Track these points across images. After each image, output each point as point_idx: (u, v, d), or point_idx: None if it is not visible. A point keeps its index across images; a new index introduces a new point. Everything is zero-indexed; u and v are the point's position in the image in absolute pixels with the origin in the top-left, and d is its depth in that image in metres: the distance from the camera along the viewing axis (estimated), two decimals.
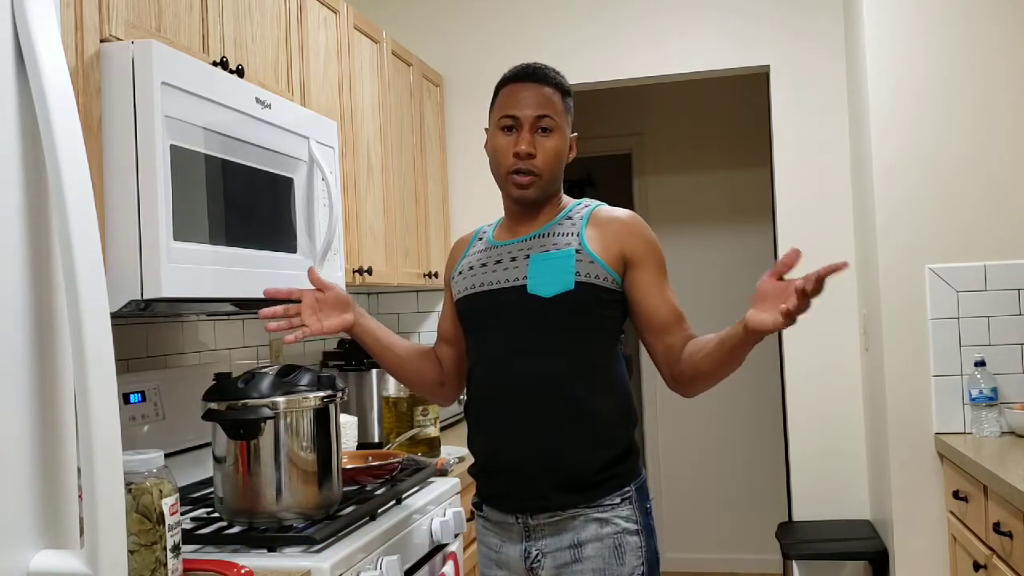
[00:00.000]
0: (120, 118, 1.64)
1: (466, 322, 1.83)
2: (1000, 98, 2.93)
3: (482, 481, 1.80)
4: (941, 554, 2.90)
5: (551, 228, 1.77)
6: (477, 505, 1.82)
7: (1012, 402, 2.86)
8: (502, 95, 1.77)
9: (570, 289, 1.68)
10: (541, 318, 1.70)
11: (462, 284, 1.82)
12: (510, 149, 1.73)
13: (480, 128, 3.73)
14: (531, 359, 1.70)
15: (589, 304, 1.70)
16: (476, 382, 1.80)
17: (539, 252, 1.74)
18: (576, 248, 1.71)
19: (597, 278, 1.70)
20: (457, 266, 1.88)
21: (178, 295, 1.69)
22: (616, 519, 1.68)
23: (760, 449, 4.72)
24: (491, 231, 1.88)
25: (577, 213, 1.79)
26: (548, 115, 1.72)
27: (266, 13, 2.27)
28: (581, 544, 1.68)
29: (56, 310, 1.01)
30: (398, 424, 2.65)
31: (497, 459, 1.74)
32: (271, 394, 1.76)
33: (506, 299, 1.73)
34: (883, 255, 2.99)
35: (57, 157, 0.97)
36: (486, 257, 1.81)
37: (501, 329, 1.74)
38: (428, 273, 3.42)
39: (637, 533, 1.69)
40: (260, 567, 1.60)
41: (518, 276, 1.73)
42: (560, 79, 1.78)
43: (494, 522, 1.77)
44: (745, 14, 3.56)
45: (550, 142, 1.73)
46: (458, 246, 1.94)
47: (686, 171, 4.86)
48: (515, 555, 1.73)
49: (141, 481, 1.40)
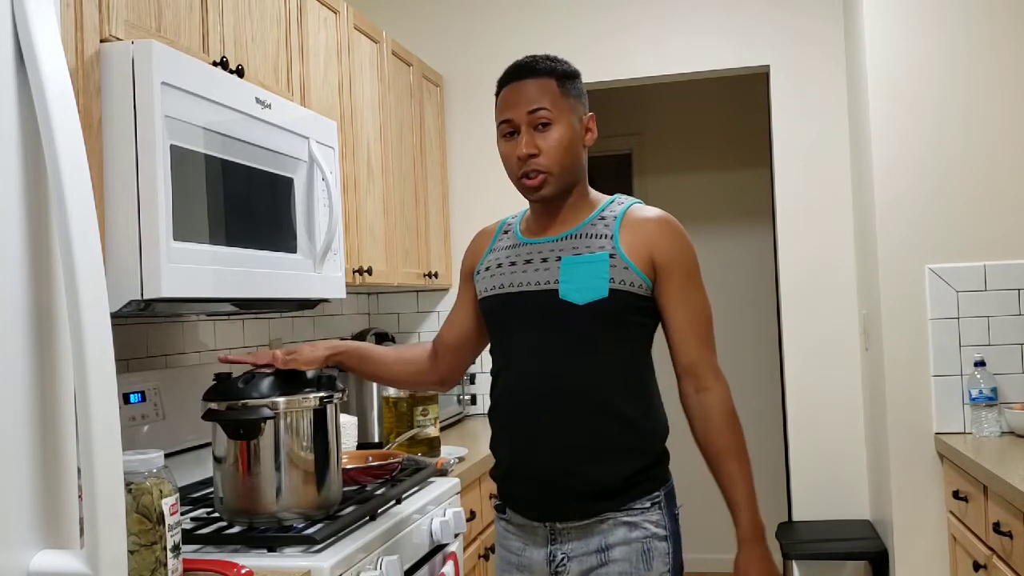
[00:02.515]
0: (120, 118, 1.64)
1: (491, 323, 1.78)
2: (999, 98, 2.93)
3: (506, 487, 1.76)
4: (941, 554, 2.90)
5: (584, 229, 1.71)
6: (500, 508, 1.78)
7: (1012, 402, 2.86)
8: (498, 101, 1.73)
9: (604, 297, 1.63)
10: (572, 325, 1.65)
11: (488, 282, 1.77)
12: (514, 154, 1.69)
13: (480, 128, 3.77)
14: (560, 366, 1.65)
15: (622, 312, 1.65)
16: (503, 386, 1.74)
17: (571, 255, 1.68)
18: (610, 252, 1.66)
19: (632, 285, 1.64)
20: (482, 261, 1.82)
21: (178, 295, 1.69)
22: (646, 523, 1.65)
23: (760, 449, 4.71)
24: (517, 224, 1.82)
25: (611, 213, 1.72)
26: (541, 107, 1.66)
27: (266, 13, 2.27)
28: (609, 548, 1.64)
29: (56, 310, 1.01)
30: (398, 424, 2.65)
31: (523, 466, 1.70)
32: (271, 394, 1.76)
33: (536, 303, 1.68)
34: (883, 255, 2.99)
35: (57, 157, 0.97)
36: (514, 255, 1.75)
37: (529, 333, 1.69)
38: (428, 273, 3.42)
39: (665, 539, 1.66)
40: (260, 567, 1.59)
41: (549, 280, 1.67)
42: (553, 64, 1.71)
43: (517, 525, 1.74)
44: (745, 14, 3.56)
45: (552, 135, 1.67)
46: (481, 238, 1.88)
47: (686, 171, 4.86)
48: (539, 559, 1.69)
49: (141, 481, 1.39)
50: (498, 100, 1.73)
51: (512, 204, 3.81)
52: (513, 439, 1.72)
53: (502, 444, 1.76)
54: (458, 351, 1.90)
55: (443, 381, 1.94)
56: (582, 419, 1.64)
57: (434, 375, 1.93)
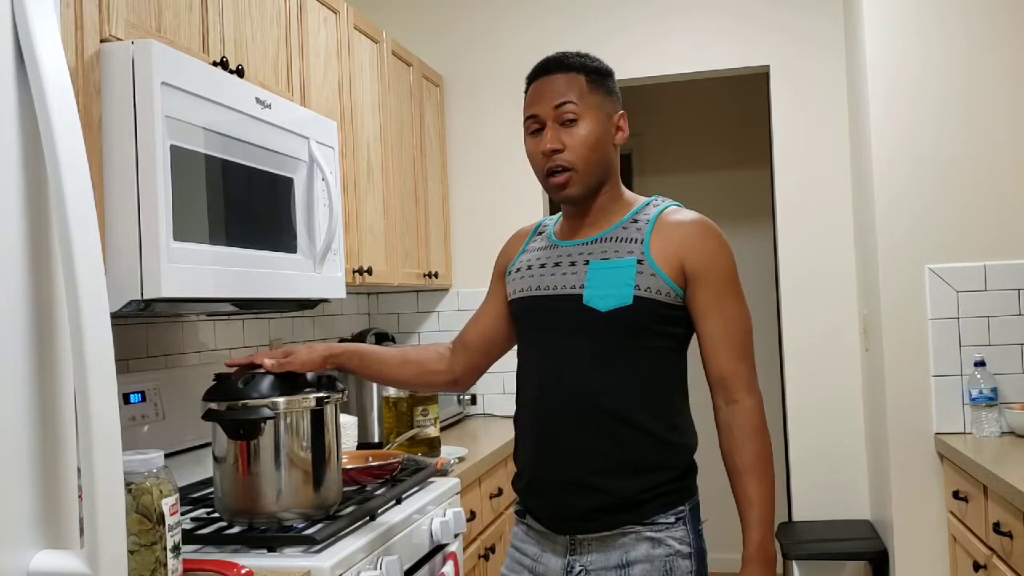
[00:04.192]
0: (120, 118, 1.64)
1: (519, 326, 1.74)
2: (1000, 97, 2.93)
3: (527, 497, 1.70)
4: (941, 554, 2.90)
5: (615, 232, 1.65)
6: (520, 512, 1.74)
7: (1012, 402, 2.86)
8: (526, 96, 1.67)
9: (628, 304, 1.57)
10: (595, 332, 1.59)
11: (519, 284, 1.72)
12: (538, 150, 1.64)
13: (480, 128, 3.77)
14: (581, 374, 1.60)
15: (648, 320, 1.58)
16: (525, 393, 1.70)
17: (599, 259, 1.62)
18: (638, 258, 1.59)
19: (659, 293, 1.58)
20: (515, 261, 1.78)
21: (178, 295, 1.69)
22: (670, 540, 1.58)
23: None
24: (552, 226, 1.77)
25: (644, 216, 1.66)
26: (567, 101, 1.61)
27: (266, 13, 2.27)
28: (629, 564, 1.58)
29: (56, 310, 1.01)
30: (398, 424, 2.65)
31: (543, 477, 1.65)
32: (271, 394, 1.76)
33: (561, 307, 1.63)
34: (883, 255, 2.99)
35: (57, 157, 0.97)
36: (545, 257, 1.70)
37: (553, 339, 1.64)
38: (428, 273, 3.42)
39: (690, 557, 1.59)
40: (260, 567, 1.59)
41: (575, 284, 1.62)
42: (584, 60, 1.66)
43: (537, 531, 1.69)
44: (745, 15, 3.56)
45: (578, 130, 1.61)
46: (516, 239, 1.84)
47: (686, 171, 4.86)
48: (556, 568, 1.64)
49: (141, 481, 1.39)
50: (526, 97, 1.68)
51: (512, 204, 3.83)
52: (532, 449, 1.67)
53: (522, 452, 1.71)
54: (479, 350, 1.85)
55: (456, 381, 1.87)
56: (600, 430, 1.59)
57: (446, 375, 1.87)
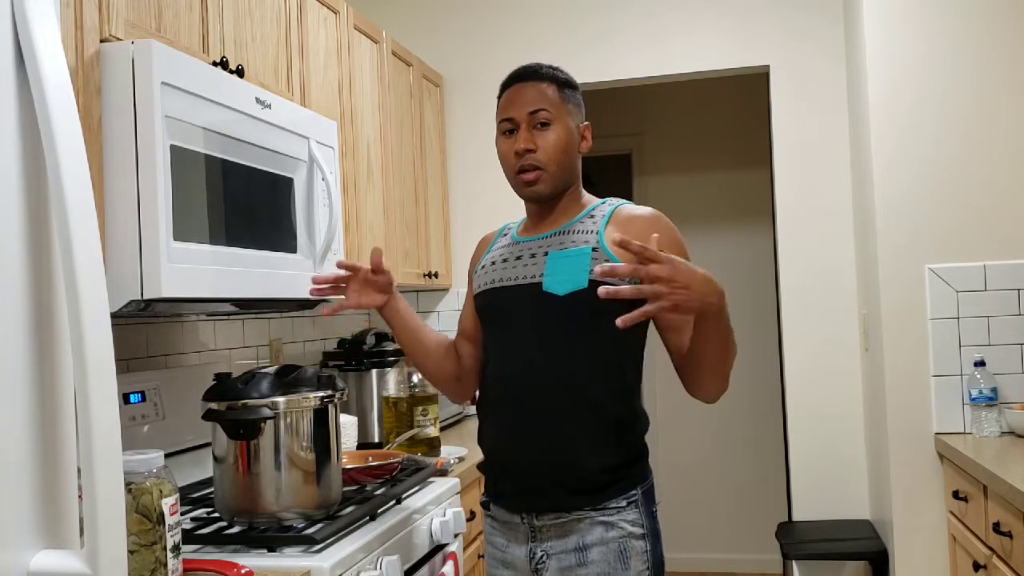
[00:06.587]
0: (120, 118, 1.64)
1: (483, 317, 1.83)
2: (999, 98, 2.93)
3: (490, 479, 1.80)
4: (941, 554, 2.90)
5: (572, 226, 1.76)
6: (485, 504, 1.82)
7: (1012, 402, 2.86)
8: (500, 101, 1.79)
9: (583, 288, 1.65)
10: (554, 316, 1.68)
11: (483, 279, 1.83)
12: (511, 150, 1.74)
13: (480, 128, 3.77)
14: (542, 357, 1.69)
15: (603, 303, 1.61)
16: (488, 378, 1.79)
17: (557, 249, 1.73)
18: (593, 246, 1.69)
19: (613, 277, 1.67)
20: (481, 261, 1.89)
21: (178, 295, 1.69)
22: (622, 523, 1.67)
23: (760, 449, 4.72)
24: (516, 227, 1.89)
25: (599, 211, 1.77)
26: (542, 108, 1.73)
27: (266, 13, 2.27)
28: (586, 547, 1.66)
29: (56, 310, 1.01)
30: (398, 424, 2.65)
31: (505, 458, 1.74)
32: (271, 394, 1.76)
33: (522, 296, 1.73)
34: (883, 255, 2.99)
35: (57, 157, 0.97)
36: (508, 253, 1.82)
37: (515, 326, 1.74)
38: (428, 273, 3.42)
39: (643, 537, 1.68)
40: (260, 567, 1.60)
41: (535, 273, 1.73)
42: (556, 72, 1.78)
43: (501, 522, 1.77)
44: (745, 14, 3.56)
45: (550, 134, 1.73)
46: (484, 242, 1.95)
47: (686, 171, 4.86)
48: (520, 556, 1.73)
49: (141, 481, 1.39)
50: (500, 101, 1.79)
51: (511, 204, 3.82)
52: (493, 431, 1.77)
53: (486, 436, 1.80)
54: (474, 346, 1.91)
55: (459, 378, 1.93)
56: (560, 411, 1.67)
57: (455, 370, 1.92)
